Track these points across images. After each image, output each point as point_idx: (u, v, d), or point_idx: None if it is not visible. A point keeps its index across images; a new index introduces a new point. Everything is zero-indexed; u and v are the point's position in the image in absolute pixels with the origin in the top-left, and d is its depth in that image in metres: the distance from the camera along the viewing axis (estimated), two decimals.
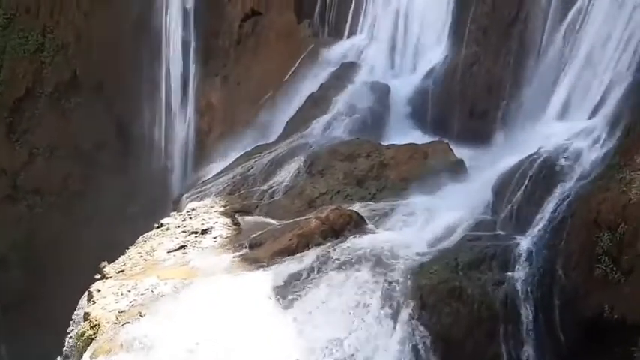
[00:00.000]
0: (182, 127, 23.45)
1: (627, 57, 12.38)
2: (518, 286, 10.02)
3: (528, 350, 9.81)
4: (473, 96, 16.27)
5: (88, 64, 24.45)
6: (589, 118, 12.89)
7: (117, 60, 23.81)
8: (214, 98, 22.61)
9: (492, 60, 15.87)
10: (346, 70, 18.38)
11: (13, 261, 24.01)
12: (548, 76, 14.16)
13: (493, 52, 15.88)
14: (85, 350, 9.98)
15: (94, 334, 10.20)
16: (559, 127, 13.24)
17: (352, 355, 9.39)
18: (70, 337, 11.09)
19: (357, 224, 12.14)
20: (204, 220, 13.40)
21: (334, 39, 19.77)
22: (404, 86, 17.61)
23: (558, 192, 11.19)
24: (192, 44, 23.08)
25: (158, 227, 13.49)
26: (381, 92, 17.48)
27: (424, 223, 12.10)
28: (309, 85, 18.68)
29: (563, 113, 13.56)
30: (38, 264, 23.70)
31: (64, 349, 11.18)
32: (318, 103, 17.77)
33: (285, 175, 15.08)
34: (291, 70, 19.76)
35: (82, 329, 10.50)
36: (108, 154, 24.72)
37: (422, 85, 17.19)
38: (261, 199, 14.56)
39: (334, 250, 11.32)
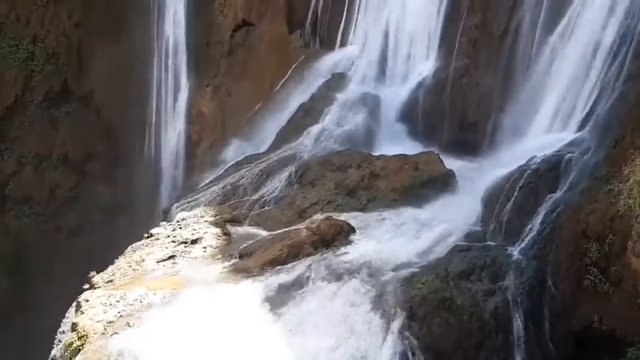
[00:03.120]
0: (172, 136, 23.39)
1: (616, 68, 12.51)
2: (509, 297, 10.04)
3: None
4: (463, 107, 16.38)
5: (78, 73, 24.38)
6: (578, 130, 13.00)
7: (107, 69, 23.77)
8: (205, 108, 22.59)
9: (482, 72, 15.99)
10: (337, 81, 18.45)
11: (1, 270, 23.75)
12: (538, 88, 14.28)
13: (483, 64, 16.01)
14: None
15: (82, 344, 10.09)
16: (548, 138, 13.34)
17: None
18: (58, 348, 10.98)
19: (347, 234, 12.14)
20: (194, 229, 13.34)
21: (325, 50, 19.85)
22: (394, 97, 17.69)
23: (547, 203, 11.26)
24: (184, 54, 23.09)
25: (147, 237, 13.40)
26: (372, 103, 17.55)
27: (414, 234, 12.12)
28: (300, 95, 18.73)
29: (553, 125, 13.68)
30: (26, 274, 23.47)
31: (53, 359, 11.07)
32: (309, 113, 17.81)
33: (275, 185, 15.07)
34: (282, 80, 19.80)
35: (70, 340, 10.39)
36: (97, 164, 24.59)
37: (412, 97, 17.27)
38: (252, 209, 14.53)
39: (325, 260, 11.29)
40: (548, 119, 13.85)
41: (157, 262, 12.19)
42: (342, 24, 19.45)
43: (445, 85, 16.66)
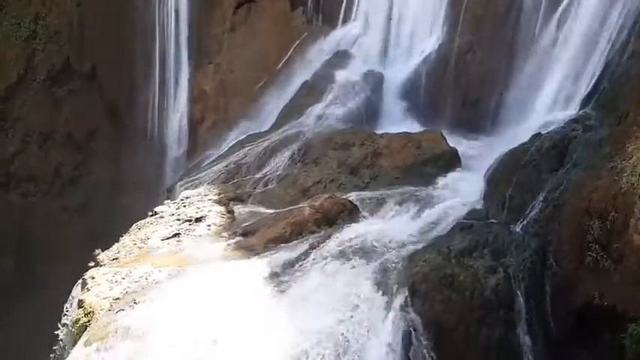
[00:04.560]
0: (175, 115, 23.35)
1: (621, 44, 12.42)
2: (510, 274, 10.10)
3: (519, 337, 9.91)
4: (466, 85, 16.32)
5: (80, 51, 24.27)
6: (582, 107, 12.96)
7: (109, 47, 23.65)
8: (207, 86, 22.52)
9: (486, 49, 15.90)
10: (340, 59, 18.37)
11: (7, 249, 23.94)
12: (542, 65, 14.21)
13: (487, 41, 15.91)
14: (80, 337, 10.00)
15: (89, 321, 10.22)
16: (552, 115, 13.31)
17: (345, 341, 9.46)
18: (65, 325, 11.13)
19: (350, 213, 12.18)
20: (198, 208, 13.41)
21: (328, 27, 19.71)
22: (397, 75, 17.63)
23: (550, 181, 11.26)
24: (186, 32, 22.95)
25: (152, 215, 13.49)
26: (375, 81, 17.50)
27: (417, 212, 12.17)
28: (303, 73, 18.67)
29: (556, 102, 13.63)
30: (32, 252, 23.67)
31: (59, 336, 11.22)
32: (311, 91, 17.77)
33: (278, 164, 15.10)
34: (285, 58, 19.71)
35: (77, 316, 10.52)
36: (101, 143, 24.60)
37: (415, 74, 17.21)
38: (255, 188, 14.58)
39: (328, 238, 11.36)
40: (552, 96, 13.80)
41: (162, 239, 12.28)
42: (345, 1, 19.29)
43: (448, 62, 16.58)
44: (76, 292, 11.28)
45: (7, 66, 24.07)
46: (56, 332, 11.35)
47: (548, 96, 13.78)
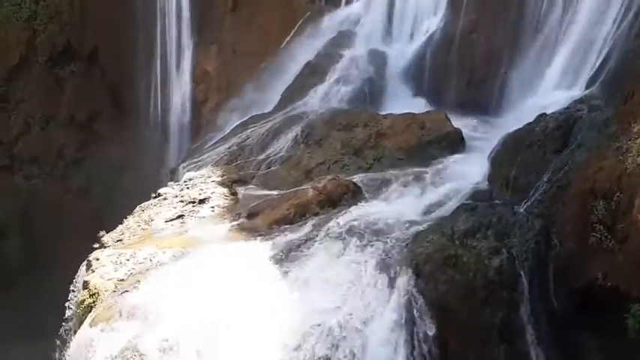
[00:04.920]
0: (178, 96, 23.27)
1: (628, 23, 12.27)
2: (514, 255, 10.11)
3: (522, 317, 9.94)
4: (471, 65, 16.16)
5: (81, 32, 24.13)
6: (588, 87, 12.84)
7: (111, 28, 23.50)
8: (210, 67, 22.40)
9: (491, 28, 15.71)
10: (343, 38, 18.20)
11: (11, 231, 24.07)
12: (548, 44, 14.05)
13: (492, 20, 15.72)
14: (85, 318, 10.09)
15: (94, 302, 10.30)
16: (557, 95, 13.20)
17: (348, 321, 9.51)
18: (70, 306, 11.21)
19: (354, 194, 12.17)
20: (201, 189, 13.42)
21: (331, 6, 19.50)
22: (401, 54, 17.47)
23: (555, 161, 11.21)
24: (187, 12, 22.75)
25: (155, 197, 13.51)
26: (378, 61, 17.35)
27: (421, 193, 12.14)
28: (306, 53, 18.50)
29: (562, 81, 13.51)
30: (36, 233, 23.78)
31: (64, 316, 11.31)
32: (314, 71, 17.64)
33: (281, 145, 15.06)
34: (288, 38, 19.55)
35: (82, 297, 10.60)
36: (103, 124, 24.58)
37: (419, 54, 17.04)
38: (258, 169, 14.56)
39: (331, 219, 11.37)
40: (557, 76, 13.67)
41: (166, 221, 12.31)
42: None
43: (453, 41, 16.41)
44: (81, 273, 11.35)
45: (9, 47, 23.97)
46: (61, 313, 11.44)
47: (554, 75, 13.65)
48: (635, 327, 9.02)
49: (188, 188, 13.64)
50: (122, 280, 10.48)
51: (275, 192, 13.25)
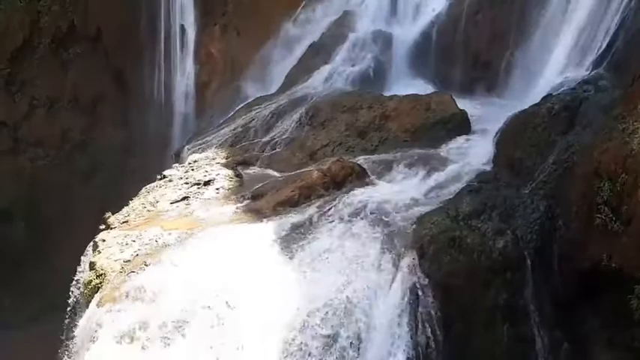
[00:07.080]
0: (182, 78, 23.20)
1: (636, 2, 12.13)
2: (518, 236, 10.12)
3: (526, 298, 9.98)
4: (476, 46, 16.05)
5: (85, 13, 23.99)
6: (594, 68, 12.73)
7: (114, 10, 23.37)
8: (214, 49, 22.29)
9: (497, 8, 15.57)
10: (348, 19, 18.08)
11: (16, 214, 24.17)
12: (554, 25, 13.92)
13: (498, 1, 15.57)
14: (92, 299, 10.18)
15: (100, 283, 10.39)
16: (564, 76, 13.10)
17: (353, 302, 9.57)
18: (77, 287, 11.30)
19: (358, 176, 12.17)
20: (206, 171, 13.44)
21: None
22: (406, 35, 17.35)
23: (560, 143, 11.17)
24: None
25: (161, 179, 13.55)
26: (383, 41, 17.25)
27: (425, 175, 12.14)
28: (310, 34, 18.41)
29: (569, 62, 13.40)
30: (42, 216, 23.89)
31: (71, 298, 11.41)
32: (319, 52, 17.57)
33: (286, 127, 15.05)
34: (292, 18, 19.43)
35: (89, 278, 10.69)
36: (108, 107, 24.53)
37: (425, 34, 16.92)
38: (263, 151, 14.57)
39: (336, 201, 11.39)
40: (564, 57, 13.56)
41: (171, 203, 12.36)
42: None
43: (459, 22, 16.28)
44: (88, 254, 11.43)
45: (12, 29, 23.85)
46: (67, 295, 11.54)
47: (561, 56, 13.53)
48: (638, 308, 9.06)
49: (193, 170, 13.66)
50: (128, 261, 10.55)
51: (279, 174, 13.27)
